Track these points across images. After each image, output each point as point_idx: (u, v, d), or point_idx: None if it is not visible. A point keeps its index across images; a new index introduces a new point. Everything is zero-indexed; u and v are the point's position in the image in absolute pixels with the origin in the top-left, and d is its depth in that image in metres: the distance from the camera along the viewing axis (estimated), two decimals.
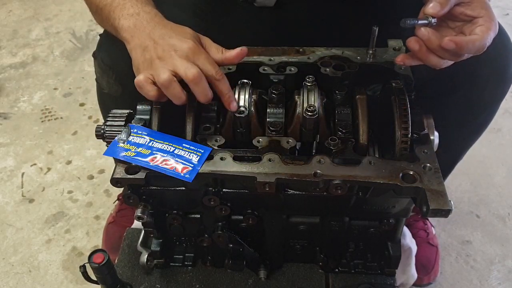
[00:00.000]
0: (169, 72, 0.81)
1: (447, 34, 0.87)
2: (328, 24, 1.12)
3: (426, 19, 0.83)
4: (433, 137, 0.86)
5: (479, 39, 0.82)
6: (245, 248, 0.99)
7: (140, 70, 0.86)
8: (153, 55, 0.84)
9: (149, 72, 0.83)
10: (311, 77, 0.93)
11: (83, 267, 0.92)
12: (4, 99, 2.20)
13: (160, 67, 0.82)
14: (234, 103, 0.88)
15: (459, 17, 0.86)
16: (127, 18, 0.90)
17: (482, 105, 1.09)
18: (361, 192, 0.86)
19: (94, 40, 2.49)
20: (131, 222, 1.35)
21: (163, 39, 0.85)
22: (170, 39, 0.85)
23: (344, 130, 0.88)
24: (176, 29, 0.88)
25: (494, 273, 1.49)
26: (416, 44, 0.84)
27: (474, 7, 0.84)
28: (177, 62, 0.82)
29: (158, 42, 0.85)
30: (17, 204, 1.71)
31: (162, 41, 0.85)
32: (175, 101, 0.84)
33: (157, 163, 0.82)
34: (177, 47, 0.84)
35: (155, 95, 0.83)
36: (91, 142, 1.95)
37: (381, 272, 1.05)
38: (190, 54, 0.83)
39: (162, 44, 0.84)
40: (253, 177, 0.79)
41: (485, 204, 1.70)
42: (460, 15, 0.86)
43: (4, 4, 2.85)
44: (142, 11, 0.91)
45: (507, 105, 2.05)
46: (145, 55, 0.85)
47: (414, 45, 0.84)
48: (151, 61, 0.84)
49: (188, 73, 0.81)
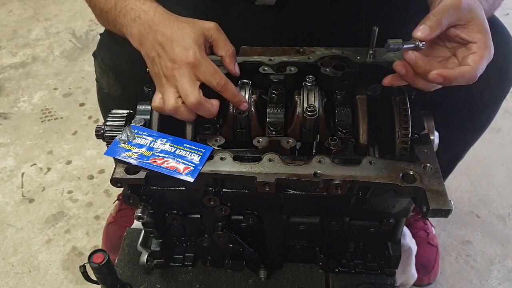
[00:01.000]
0: (175, 96, 0.85)
1: (441, 54, 0.85)
2: (328, 24, 1.12)
3: (413, 43, 0.80)
4: (433, 137, 0.86)
5: (469, 71, 0.78)
6: (245, 248, 0.99)
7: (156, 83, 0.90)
8: (160, 71, 0.87)
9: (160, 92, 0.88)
10: (311, 77, 0.93)
11: (83, 267, 0.92)
12: (4, 99, 2.20)
13: (167, 91, 0.86)
14: (244, 104, 0.90)
15: (454, 39, 0.83)
16: (132, 25, 0.92)
17: (484, 104, 1.08)
18: (361, 192, 0.86)
19: (94, 40, 2.50)
20: (131, 222, 1.35)
21: (165, 50, 0.87)
22: (171, 52, 0.86)
23: (344, 130, 0.88)
24: (175, 34, 0.88)
25: (494, 273, 1.49)
26: (403, 68, 0.82)
27: (470, 30, 0.81)
28: (178, 85, 0.85)
29: (162, 56, 0.87)
30: (17, 204, 1.71)
31: (165, 54, 0.87)
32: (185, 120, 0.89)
33: (159, 164, 0.82)
34: (177, 62, 0.85)
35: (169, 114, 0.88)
36: (91, 142, 1.95)
37: (381, 272, 1.05)
38: (190, 69, 0.86)
39: (165, 59, 0.86)
40: (253, 177, 0.79)
41: (485, 204, 1.70)
42: (455, 38, 0.82)
43: (4, 4, 2.85)
44: (142, 13, 0.91)
45: (507, 105, 2.05)
46: (154, 69, 0.89)
47: (401, 69, 0.82)
48: (159, 77, 0.88)
49: (187, 101, 0.85)
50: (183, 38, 0.87)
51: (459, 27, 0.81)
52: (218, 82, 0.86)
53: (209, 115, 0.88)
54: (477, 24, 0.81)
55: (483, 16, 0.83)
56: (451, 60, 0.84)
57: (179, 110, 0.86)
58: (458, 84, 0.80)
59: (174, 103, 0.85)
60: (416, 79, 0.82)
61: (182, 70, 0.85)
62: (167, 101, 0.86)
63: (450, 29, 0.82)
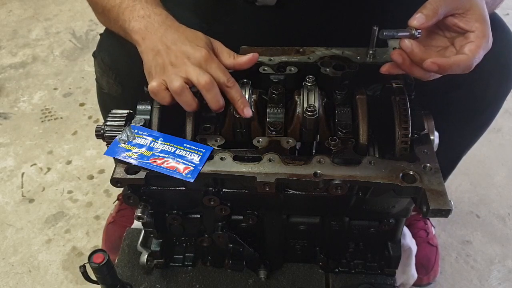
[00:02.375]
0: (182, 79, 0.82)
1: (440, 44, 0.85)
2: (328, 24, 1.12)
3: (408, 31, 0.80)
4: (433, 137, 0.86)
5: (464, 60, 0.78)
6: (245, 248, 0.99)
7: (152, 74, 0.86)
8: (166, 60, 0.85)
9: (162, 78, 0.84)
10: (311, 77, 0.93)
11: (83, 267, 0.92)
12: (4, 99, 2.20)
13: (173, 74, 0.83)
14: (247, 109, 0.87)
15: (452, 28, 0.83)
16: (138, 20, 0.90)
17: (485, 103, 1.08)
18: (361, 192, 0.86)
19: (94, 40, 2.50)
20: (131, 222, 1.35)
21: (176, 44, 0.85)
22: (183, 46, 0.85)
23: (344, 130, 0.88)
24: (188, 34, 0.88)
25: (494, 273, 1.49)
26: (399, 56, 0.82)
27: (468, 20, 0.80)
28: (189, 69, 0.83)
29: (171, 48, 0.85)
30: (17, 204, 1.71)
31: (175, 46, 0.85)
32: (186, 108, 0.85)
33: (159, 164, 0.82)
34: (190, 55, 0.84)
35: (169, 102, 0.84)
36: (91, 142, 1.95)
37: (381, 272, 1.05)
38: (202, 62, 0.84)
39: (175, 50, 0.85)
40: (253, 177, 0.79)
41: (485, 204, 1.70)
42: (453, 27, 0.82)
43: (4, 4, 2.85)
44: (152, 13, 0.91)
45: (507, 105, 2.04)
46: (157, 60, 0.86)
47: (397, 58, 0.82)
48: (163, 67, 0.85)
49: (201, 79, 0.82)
50: (196, 39, 0.88)
51: (457, 16, 0.81)
52: (228, 78, 0.85)
53: (216, 101, 0.85)
54: (475, 13, 0.80)
55: (483, 6, 0.82)
56: (449, 49, 0.84)
57: (185, 92, 0.82)
58: (453, 73, 0.80)
59: (181, 83, 0.82)
60: (412, 67, 0.82)
61: (193, 60, 0.84)
62: (174, 81, 0.82)
63: (448, 18, 0.82)
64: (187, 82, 0.83)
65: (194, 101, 0.85)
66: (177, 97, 0.83)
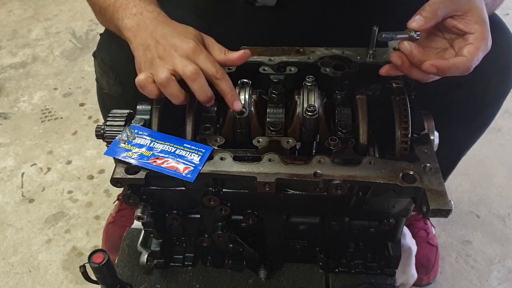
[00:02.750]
0: (168, 71, 0.81)
1: (439, 45, 0.85)
2: (328, 24, 1.12)
3: (407, 33, 0.80)
4: (433, 137, 0.86)
5: (463, 62, 0.78)
6: (245, 248, 0.99)
7: (141, 69, 0.86)
8: (154, 54, 0.84)
9: (149, 71, 0.83)
10: (311, 77, 0.93)
11: (83, 267, 0.92)
12: (4, 99, 2.20)
13: (160, 66, 0.82)
14: (237, 102, 0.85)
15: (452, 30, 0.83)
16: (130, 18, 0.90)
17: (485, 103, 1.08)
18: (361, 192, 0.86)
19: (94, 40, 2.50)
20: (131, 222, 1.35)
21: (165, 38, 0.85)
22: (172, 39, 0.85)
23: (344, 130, 0.88)
24: (178, 29, 0.88)
25: (494, 273, 1.49)
26: (398, 59, 0.81)
27: (468, 21, 0.80)
28: (176, 61, 0.82)
29: (160, 42, 0.85)
30: (17, 204, 1.71)
31: (164, 40, 0.85)
32: (173, 100, 0.83)
33: (159, 164, 0.82)
34: (178, 47, 0.84)
35: (157, 94, 0.83)
36: (91, 142, 1.95)
37: (381, 272, 1.05)
38: (190, 53, 0.83)
39: (164, 44, 0.84)
40: (253, 177, 0.79)
41: (485, 204, 1.70)
42: (453, 28, 0.82)
43: (4, 4, 2.85)
44: (145, 10, 0.91)
45: (507, 105, 2.05)
46: (146, 55, 0.85)
47: (396, 60, 0.82)
48: (152, 60, 0.84)
49: (185, 70, 0.81)
50: (185, 32, 0.87)
51: (456, 18, 0.81)
52: (217, 69, 0.83)
53: (203, 92, 0.83)
54: (475, 15, 0.80)
55: (482, 8, 0.82)
56: (449, 51, 0.84)
57: (170, 83, 0.81)
58: (452, 75, 0.80)
59: (167, 75, 0.80)
60: (411, 69, 0.82)
61: (181, 52, 0.83)
62: (160, 73, 0.81)
63: (447, 20, 0.81)
64: (173, 74, 0.82)
65: (181, 93, 0.83)
66: (163, 89, 0.82)
